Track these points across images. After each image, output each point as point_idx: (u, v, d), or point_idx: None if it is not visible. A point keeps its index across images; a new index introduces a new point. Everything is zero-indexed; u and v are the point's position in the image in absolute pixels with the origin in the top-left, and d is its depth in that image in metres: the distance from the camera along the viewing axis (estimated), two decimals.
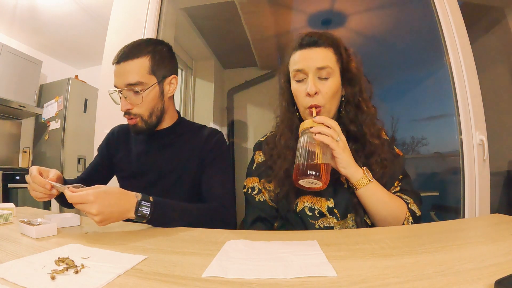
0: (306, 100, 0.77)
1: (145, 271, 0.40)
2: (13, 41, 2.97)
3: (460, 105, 1.35)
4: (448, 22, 1.40)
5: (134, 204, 0.67)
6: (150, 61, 0.88)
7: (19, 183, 2.52)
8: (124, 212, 0.66)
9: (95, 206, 0.61)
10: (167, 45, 0.96)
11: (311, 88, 0.75)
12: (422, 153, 2.09)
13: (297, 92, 0.80)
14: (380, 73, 2.20)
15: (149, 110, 0.90)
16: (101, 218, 0.62)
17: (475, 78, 1.36)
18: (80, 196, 0.62)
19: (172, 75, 0.94)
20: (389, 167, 0.79)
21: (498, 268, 0.37)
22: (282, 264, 0.41)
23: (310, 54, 0.78)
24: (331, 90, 0.77)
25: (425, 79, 2.16)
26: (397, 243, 0.51)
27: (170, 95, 0.96)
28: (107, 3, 1.78)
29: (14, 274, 0.38)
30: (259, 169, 0.88)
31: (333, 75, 0.78)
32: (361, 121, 0.80)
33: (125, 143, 1.03)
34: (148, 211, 0.68)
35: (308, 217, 0.78)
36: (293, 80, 0.81)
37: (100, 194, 0.62)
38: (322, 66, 0.76)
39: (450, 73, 1.40)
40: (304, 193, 0.80)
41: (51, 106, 3.02)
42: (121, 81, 0.86)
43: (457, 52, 1.37)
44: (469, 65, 1.36)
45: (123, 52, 0.87)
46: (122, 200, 0.66)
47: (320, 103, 0.76)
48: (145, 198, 0.69)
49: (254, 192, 0.87)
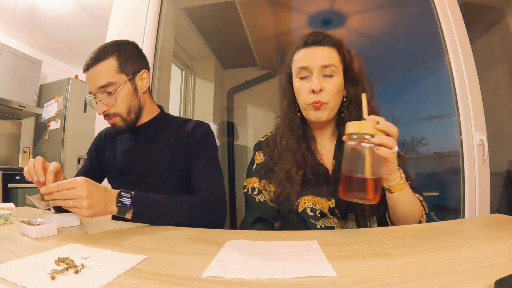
0: (310, 96, 0.78)
1: (145, 271, 0.40)
2: (13, 41, 2.97)
3: (460, 105, 1.35)
4: (448, 22, 1.40)
5: (115, 196, 0.70)
6: (117, 60, 0.89)
7: (19, 183, 2.51)
8: (107, 203, 0.68)
9: (84, 189, 0.63)
10: (132, 43, 0.97)
11: (316, 84, 0.76)
12: (422, 153, 2.09)
13: (300, 89, 0.80)
14: (380, 73, 2.20)
15: (126, 108, 0.91)
16: (89, 203, 0.64)
17: (475, 78, 1.36)
18: (70, 182, 0.64)
19: (142, 70, 0.95)
20: None
21: (498, 268, 0.37)
22: (282, 264, 0.41)
23: (315, 52, 0.79)
24: (336, 88, 0.78)
25: (425, 79, 2.16)
26: (397, 243, 0.51)
27: (144, 89, 0.96)
28: (107, 3, 1.77)
29: (14, 274, 0.38)
30: (259, 169, 0.88)
31: (337, 74, 0.78)
32: None
33: (112, 144, 1.05)
34: (128, 201, 0.70)
35: (310, 217, 0.79)
36: (296, 78, 0.81)
37: (89, 181, 0.66)
38: (327, 64, 0.77)
39: (450, 73, 1.40)
40: (305, 194, 0.80)
41: (51, 106, 3.02)
42: (93, 86, 0.88)
43: (457, 52, 1.37)
44: (469, 65, 1.36)
45: (90, 58, 0.89)
46: (106, 192, 0.69)
47: (324, 100, 0.77)
48: (125, 191, 0.72)
49: (255, 193, 0.87)
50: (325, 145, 0.87)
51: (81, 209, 0.64)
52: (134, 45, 0.97)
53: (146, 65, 0.98)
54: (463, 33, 1.39)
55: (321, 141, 0.88)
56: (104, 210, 0.68)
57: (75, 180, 0.64)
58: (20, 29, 2.86)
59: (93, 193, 0.64)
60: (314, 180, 0.80)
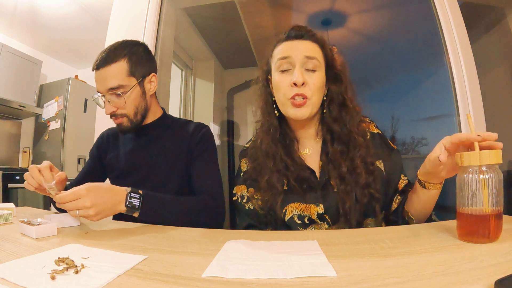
0: (291, 90, 0.74)
1: (145, 271, 0.40)
2: (13, 41, 2.97)
3: (460, 105, 1.35)
4: (448, 22, 1.40)
5: (124, 196, 0.69)
6: (128, 64, 0.89)
7: (19, 183, 2.51)
8: (115, 204, 0.68)
9: (88, 199, 0.63)
10: (143, 45, 0.97)
11: (298, 77, 0.72)
12: (422, 153, 2.09)
13: (281, 83, 0.75)
14: (380, 73, 2.20)
15: (134, 110, 0.92)
16: (96, 211, 0.64)
17: (475, 78, 1.36)
18: (73, 193, 0.63)
19: (151, 74, 0.96)
20: (377, 172, 0.76)
21: (498, 268, 0.37)
22: (282, 264, 0.41)
23: (298, 45, 0.77)
24: (318, 83, 0.75)
25: (425, 79, 2.16)
26: (397, 243, 0.51)
27: (152, 93, 0.97)
28: (107, 3, 1.78)
29: (14, 274, 0.38)
30: (246, 178, 0.86)
31: (319, 69, 0.76)
32: (345, 120, 0.78)
33: (115, 145, 1.05)
34: (138, 202, 0.70)
35: (297, 225, 0.75)
36: (277, 72, 0.77)
37: (91, 188, 0.65)
38: (310, 56, 0.74)
39: (450, 73, 1.40)
40: (291, 201, 0.76)
41: (51, 106, 3.02)
42: (102, 86, 0.89)
43: (457, 52, 1.37)
44: (469, 65, 1.36)
45: (101, 58, 0.88)
46: (112, 192, 0.68)
47: (307, 94, 0.73)
48: (134, 191, 0.72)
49: (244, 201, 0.85)
50: (310, 145, 0.83)
51: (89, 218, 0.64)
52: (145, 47, 0.97)
53: (155, 68, 0.99)
54: (463, 33, 1.39)
55: (305, 142, 0.83)
56: (112, 211, 0.68)
57: (78, 191, 0.64)
58: (20, 29, 2.86)
59: (97, 199, 0.64)
60: (298, 185, 0.76)
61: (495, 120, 1.53)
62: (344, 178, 0.74)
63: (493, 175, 0.47)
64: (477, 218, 0.47)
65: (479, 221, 0.47)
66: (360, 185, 0.73)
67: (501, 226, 0.48)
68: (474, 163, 0.48)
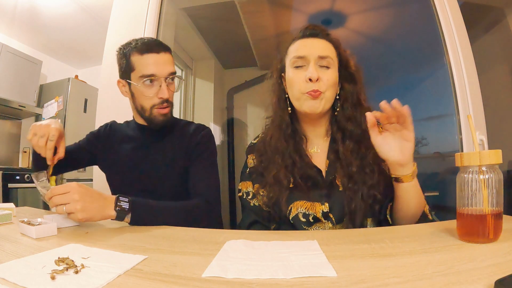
0: (306, 85, 0.75)
1: (145, 271, 0.40)
2: (13, 41, 2.97)
3: (460, 105, 1.35)
4: (448, 22, 1.40)
5: (113, 201, 0.70)
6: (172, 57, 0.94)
7: (19, 183, 2.51)
8: (104, 206, 0.68)
9: (77, 193, 0.64)
10: None
11: (313, 73, 0.74)
12: (422, 153, 2.09)
13: (295, 78, 0.77)
14: (380, 73, 2.20)
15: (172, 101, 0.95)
16: (83, 205, 0.64)
17: (475, 78, 1.36)
18: (62, 186, 0.65)
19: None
20: (384, 173, 0.76)
21: (498, 268, 0.37)
22: (282, 264, 0.41)
23: (313, 43, 0.79)
24: (332, 79, 0.76)
25: (425, 79, 2.16)
26: (397, 243, 0.51)
27: None
28: (107, 3, 1.77)
29: (14, 274, 0.38)
30: (252, 173, 0.86)
31: (333, 67, 0.78)
32: (359, 119, 0.78)
33: (115, 140, 1.05)
34: (127, 205, 0.71)
35: (302, 223, 0.75)
36: (291, 68, 0.79)
37: (82, 185, 0.67)
38: (324, 55, 0.76)
39: (450, 73, 1.40)
40: (297, 198, 0.77)
41: (51, 106, 3.02)
42: (165, 69, 0.90)
43: (457, 52, 1.37)
44: (469, 65, 1.36)
45: (159, 43, 0.92)
46: (102, 196, 0.69)
47: (321, 89, 0.75)
48: (122, 195, 0.72)
49: (249, 197, 0.85)
50: (319, 144, 0.84)
51: (75, 213, 0.64)
52: None
53: None
54: (463, 33, 1.39)
55: (313, 140, 0.84)
56: (100, 215, 0.68)
57: (68, 185, 0.65)
58: (20, 29, 2.86)
59: (86, 196, 0.65)
60: (305, 183, 0.77)
61: (495, 120, 1.53)
62: (352, 177, 0.75)
63: (493, 175, 0.48)
64: (477, 218, 0.48)
65: (479, 221, 0.47)
66: (367, 185, 0.73)
67: (501, 226, 0.48)
68: (474, 163, 0.48)
